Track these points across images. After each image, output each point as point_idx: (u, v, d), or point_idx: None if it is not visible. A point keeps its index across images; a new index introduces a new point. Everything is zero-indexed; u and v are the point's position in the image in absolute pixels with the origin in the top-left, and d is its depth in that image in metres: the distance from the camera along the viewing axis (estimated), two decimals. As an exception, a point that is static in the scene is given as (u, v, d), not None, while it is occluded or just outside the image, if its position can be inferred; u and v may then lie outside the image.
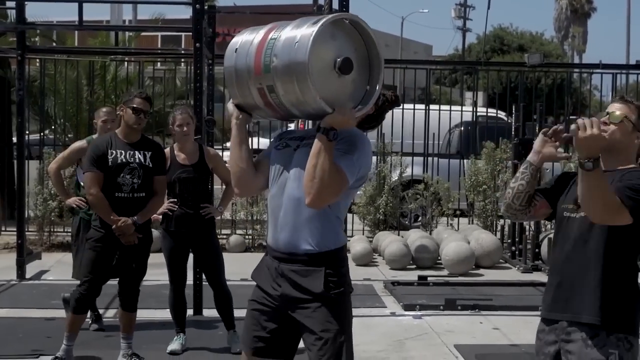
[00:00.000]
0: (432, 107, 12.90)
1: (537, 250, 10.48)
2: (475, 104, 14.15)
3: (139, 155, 5.94)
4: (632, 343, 3.45)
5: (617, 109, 3.51)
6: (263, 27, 3.56)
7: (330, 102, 3.36)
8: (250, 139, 3.81)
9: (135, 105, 5.90)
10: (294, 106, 3.44)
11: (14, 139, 11.21)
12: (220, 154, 7.01)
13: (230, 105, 3.70)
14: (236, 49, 3.58)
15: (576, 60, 57.31)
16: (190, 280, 6.98)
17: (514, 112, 10.94)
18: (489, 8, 12.82)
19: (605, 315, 3.42)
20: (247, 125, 3.70)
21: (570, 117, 14.77)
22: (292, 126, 10.08)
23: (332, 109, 3.36)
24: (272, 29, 3.49)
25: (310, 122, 4.71)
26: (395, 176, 12.34)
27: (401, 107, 11.34)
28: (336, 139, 3.37)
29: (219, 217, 6.96)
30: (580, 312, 3.47)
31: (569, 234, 3.54)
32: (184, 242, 6.55)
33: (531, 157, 3.61)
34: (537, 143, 3.59)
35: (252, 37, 3.54)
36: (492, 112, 14.18)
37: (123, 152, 5.91)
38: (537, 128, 10.64)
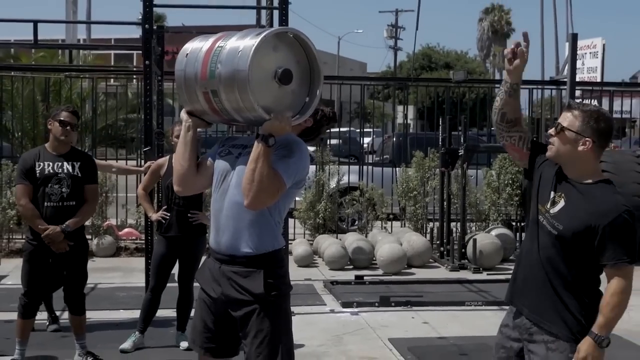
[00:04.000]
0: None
1: (463, 250, 10.58)
2: (406, 117, 14.27)
3: (68, 166, 5.81)
4: None
5: (562, 118, 3.36)
6: (213, 35, 3.56)
7: (269, 110, 3.34)
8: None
9: (62, 119, 5.79)
10: (235, 111, 3.42)
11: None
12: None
13: (182, 113, 3.68)
14: (187, 54, 3.57)
15: (497, 77, 58.13)
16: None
17: (441, 123, 11.04)
18: (417, 29, 13.10)
19: (565, 326, 3.32)
20: (195, 129, 3.66)
21: (492, 128, 14.97)
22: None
23: (270, 116, 3.34)
24: (220, 37, 3.48)
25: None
26: (333, 183, 12.37)
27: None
28: (274, 145, 3.34)
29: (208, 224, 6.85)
30: (542, 317, 3.37)
31: (540, 238, 3.41)
32: (176, 248, 6.46)
33: (505, 76, 3.50)
34: (506, 66, 3.45)
35: (202, 44, 3.53)
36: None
37: (51, 163, 5.78)
38: (462, 139, 10.75)
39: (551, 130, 3.37)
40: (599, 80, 15.82)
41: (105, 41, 35.05)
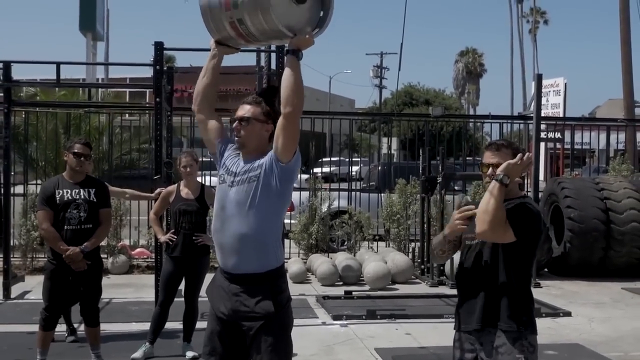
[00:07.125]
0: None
1: (441, 268, 10.54)
2: (390, 148, 14.29)
3: (84, 193, 5.78)
4: (534, 345, 3.41)
5: (499, 157, 3.50)
6: None
7: (291, 28, 3.38)
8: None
9: (75, 150, 5.78)
10: (261, 34, 3.45)
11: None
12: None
13: (211, 42, 3.68)
14: None
15: (471, 112, 58.50)
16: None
17: (421, 154, 11.05)
18: (399, 69, 13.37)
19: (508, 322, 3.39)
20: (221, 56, 3.67)
21: (467, 157, 14.99)
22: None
23: (293, 34, 3.37)
24: None
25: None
26: (324, 208, 12.34)
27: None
28: (302, 58, 3.39)
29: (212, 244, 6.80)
30: (487, 322, 3.44)
31: (470, 257, 3.53)
32: (182, 267, 6.41)
33: (446, 231, 3.62)
34: (452, 224, 3.54)
35: None
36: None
37: (69, 190, 5.75)
38: (440, 167, 10.75)
39: (491, 171, 3.49)
40: (561, 115, 15.94)
41: (121, 80, 35.10)
